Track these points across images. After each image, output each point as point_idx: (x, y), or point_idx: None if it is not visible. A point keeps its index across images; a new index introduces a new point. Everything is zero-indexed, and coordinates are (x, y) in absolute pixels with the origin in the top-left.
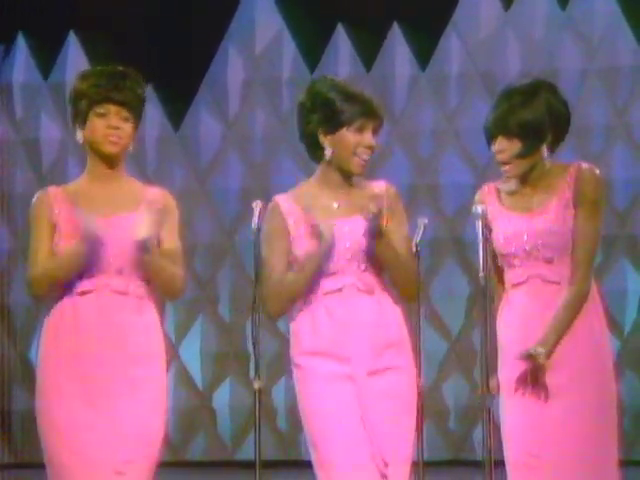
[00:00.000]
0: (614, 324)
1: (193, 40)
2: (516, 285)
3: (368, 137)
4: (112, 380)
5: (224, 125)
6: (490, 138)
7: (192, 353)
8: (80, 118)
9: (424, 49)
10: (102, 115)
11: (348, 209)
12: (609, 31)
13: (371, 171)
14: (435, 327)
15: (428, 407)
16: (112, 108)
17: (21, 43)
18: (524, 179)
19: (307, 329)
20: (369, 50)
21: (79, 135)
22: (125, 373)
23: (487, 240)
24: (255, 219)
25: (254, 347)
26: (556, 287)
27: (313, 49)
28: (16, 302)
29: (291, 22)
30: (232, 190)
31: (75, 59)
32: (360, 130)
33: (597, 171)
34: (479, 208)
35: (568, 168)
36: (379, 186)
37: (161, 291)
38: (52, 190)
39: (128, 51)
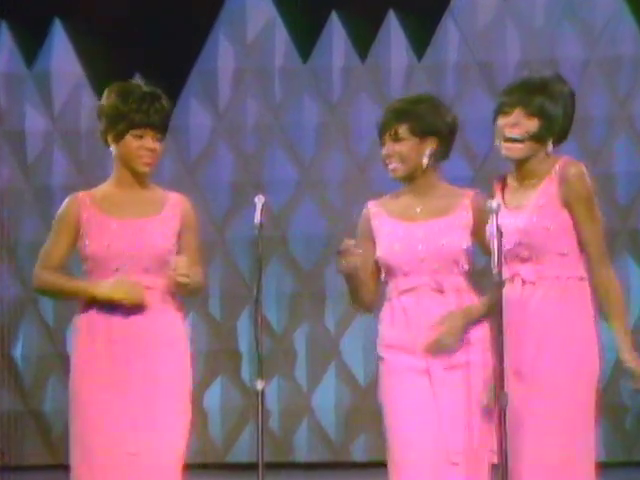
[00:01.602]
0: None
1: (182, 28)
2: (507, 281)
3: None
4: (140, 374)
5: (214, 116)
6: (507, 107)
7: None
8: (116, 135)
9: (421, 38)
10: (139, 137)
11: (428, 213)
12: (611, 19)
13: (369, 163)
14: None
15: None
16: (149, 132)
17: (4, 31)
18: (519, 170)
19: (387, 324)
20: (364, 39)
21: (114, 149)
22: (152, 366)
23: (501, 236)
24: (257, 214)
25: (257, 347)
26: (531, 287)
27: (306, 37)
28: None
29: (283, 9)
30: (223, 183)
31: (60, 47)
32: None
33: (581, 165)
34: (494, 203)
35: (554, 163)
36: (465, 194)
37: (187, 296)
38: (81, 195)
39: (115, 39)
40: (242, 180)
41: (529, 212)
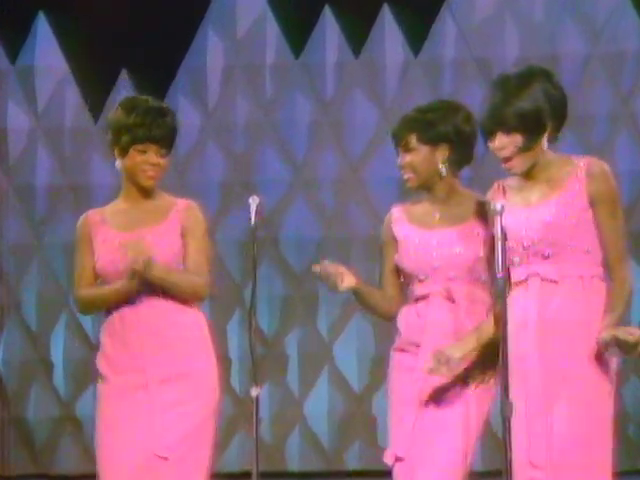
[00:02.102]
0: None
1: (170, 22)
2: (517, 284)
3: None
4: (160, 378)
5: (203, 114)
6: (488, 134)
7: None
8: (120, 149)
9: (416, 33)
10: (142, 152)
11: (445, 221)
12: (613, 14)
13: (362, 163)
14: None
15: None
16: (152, 146)
17: None
18: (527, 172)
19: (402, 327)
20: (358, 34)
21: (118, 164)
22: (170, 369)
23: (505, 239)
24: (252, 216)
25: (251, 353)
26: (553, 286)
27: (298, 33)
28: None
29: (274, 4)
30: (212, 183)
31: (44, 42)
32: None
33: (608, 167)
34: (498, 205)
35: (576, 162)
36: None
37: (184, 298)
38: (91, 213)
39: (101, 34)
40: (232, 180)
41: (555, 207)
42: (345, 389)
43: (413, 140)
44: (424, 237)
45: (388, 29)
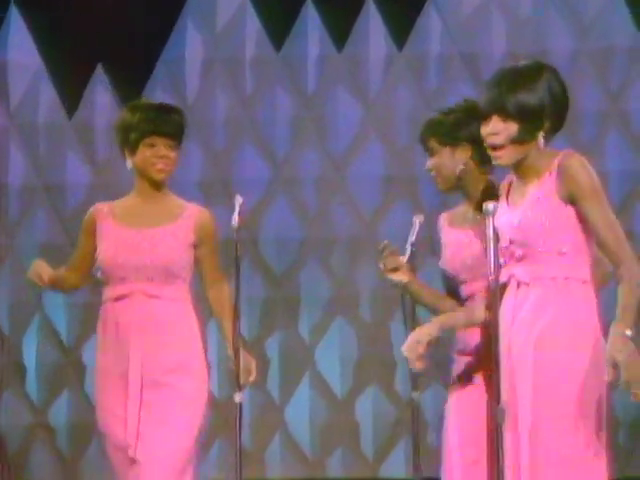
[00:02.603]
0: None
1: (147, 15)
2: (503, 286)
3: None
4: (150, 378)
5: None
6: (483, 117)
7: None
8: (130, 147)
9: (401, 26)
10: (151, 146)
11: (476, 220)
12: (603, 8)
13: (345, 161)
14: None
15: None
16: (160, 139)
17: None
18: (517, 169)
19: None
20: (341, 27)
21: (129, 162)
22: (161, 371)
23: (498, 240)
24: (235, 216)
25: (235, 358)
26: (525, 288)
27: (279, 26)
28: None
29: None
30: (190, 182)
31: (17, 36)
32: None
33: (581, 157)
34: (490, 205)
35: (553, 157)
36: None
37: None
38: (99, 205)
39: (76, 27)
40: (211, 178)
41: (524, 208)
42: (327, 394)
43: (434, 143)
44: (458, 237)
45: (372, 22)
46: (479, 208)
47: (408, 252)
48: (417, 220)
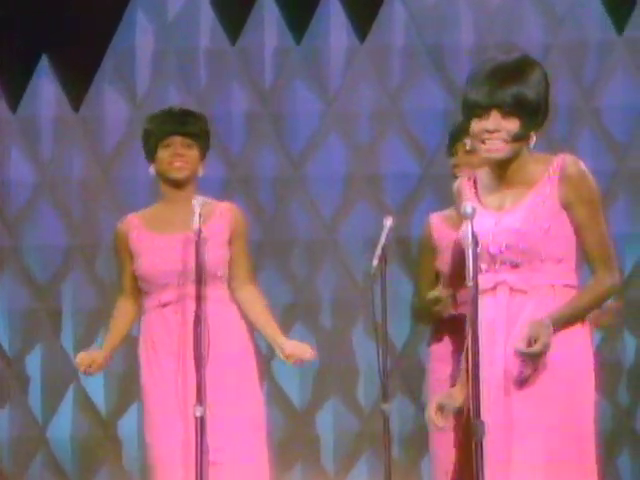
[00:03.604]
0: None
1: (95, 3)
2: (483, 293)
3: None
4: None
5: (132, 104)
6: (477, 110)
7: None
8: (150, 154)
9: (363, 17)
10: (167, 146)
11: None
12: (576, 1)
13: (304, 159)
14: None
15: None
16: (176, 139)
17: None
18: (501, 170)
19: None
20: (299, 17)
21: (152, 169)
22: (216, 371)
23: (477, 244)
24: (196, 219)
25: (197, 368)
26: (523, 297)
27: (235, 16)
28: None
29: None
30: (140, 180)
31: None
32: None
33: (583, 165)
34: (469, 207)
35: (550, 162)
36: None
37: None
38: (129, 217)
39: (17, 15)
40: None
41: (525, 212)
42: (285, 406)
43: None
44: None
45: (332, 13)
46: None
47: (379, 255)
48: (387, 222)
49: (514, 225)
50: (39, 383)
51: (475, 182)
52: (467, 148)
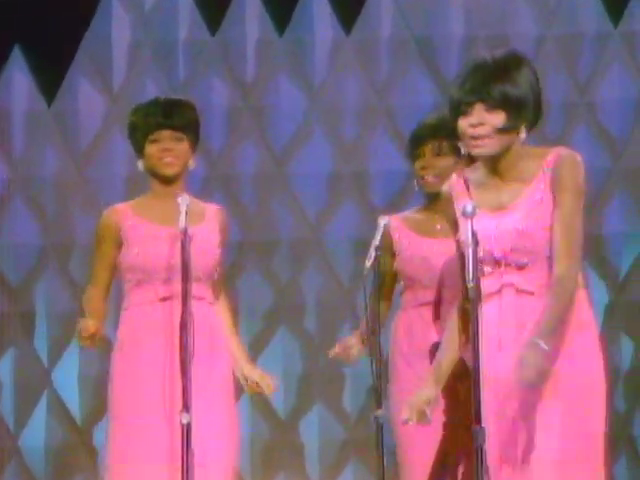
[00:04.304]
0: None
1: None
2: (488, 297)
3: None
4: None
5: (108, 97)
6: (464, 107)
7: (69, 378)
8: (138, 149)
9: (349, 8)
10: (155, 141)
11: (446, 232)
12: None
13: (288, 156)
14: None
15: None
16: (164, 133)
17: None
18: (494, 167)
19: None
20: (282, 8)
21: (140, 164)
22: (204, 372)
23: (477, 245)
24: (182, 217)
25: (183, 375)
26: (529, 298)
27: (215, 5)
28: None
29: None
30: (117, 177)
31: None
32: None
33: (579, 158)
34: (469, 206)
35: (545, 155)
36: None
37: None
38: (120, 206)
39: None
40: (139, 174)
41: (525, 211)
42: (269, 413)
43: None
44: (432, 246)
45: (317, 3)
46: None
47: (372, 257)
48: (382, 222)
49: (517, 226)
50: (11, 389)
51: (466, 181)
52: (462, 152)
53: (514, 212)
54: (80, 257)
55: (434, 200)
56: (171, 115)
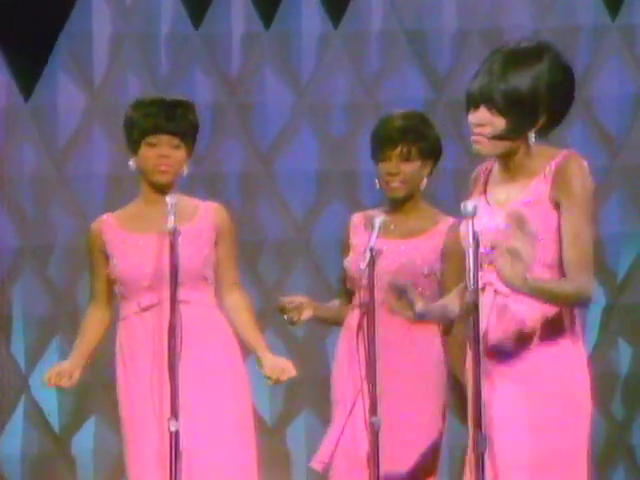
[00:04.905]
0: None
1: None
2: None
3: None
4: (186, 389)
5: (87, 93)
6: (471, 105)
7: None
8: (132, 146)
9: (337, 1)
10: (153, 145)
11: (400, 232)
12: None
13: (274, 154)
14: None
15: None
16: (163, 137)
17: None
18: (504, 163)
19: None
20: (269, 1)
21: (132, 163)
22: (197, 379)
23: (478, 245)
24: (170, 218)
25: (171, 382)
26: (505, 300)
27: None
28: None
29: None
30: (97, 176)
31: None
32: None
33: (582, 160)
34: (469, 205)
35: (552, 157)
36: (444, 222)
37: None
38: (105, 217)
39: None
40: (121, 172)
41: (512, 209)
42: (255, 421)
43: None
44: (388, 245)
45: None
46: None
47: (368, 257)
48: (377, 221)
49: (499, 224)
50: None
51: (489, 172)
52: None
53: (504, 210)
54: (59, 259)
55: (395, 202)
56: (173, 119)
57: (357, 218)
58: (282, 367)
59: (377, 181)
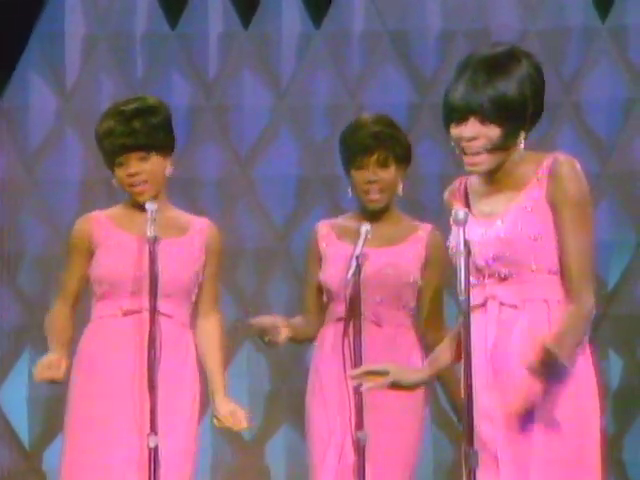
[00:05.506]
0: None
1: None
2: (474, 309)
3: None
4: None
5: (60, 95)
6: (458, 118)
7: (17, 399)
8: (108, 167)
9: (319, 0)
10: (121, 164)
11: (380, 241)
12: None
13: (253, 158)
14: None
15: None
16: (129, 155)
17: None
18: (491, 175)
19: (327, 347)
20: (248, 0)
21: (114, 181)
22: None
23: (469, 254)
24: (150, 225)
25: (151, 393)
26: (513, 312)
27: None
28: None
29: None
30: (71, 181)
31: None
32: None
33: (577, 164)
34: (460, 213)
35: (541, 161)
36: (423, 228)
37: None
38: (94, 214)
39: None
40: (94, 177)
41: (512, 218)
42: (232, 434)
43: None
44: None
45: None
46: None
47: (354, 266)
48: (364, 229)
49: (500, 234)
50: None
51: (466, 187)
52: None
53: (500, 220)
54: (30, 267)
55: (371, 211)
56: (132, 133)
57: (324, 227)
58: (236, 418)
59: (350, 190)
